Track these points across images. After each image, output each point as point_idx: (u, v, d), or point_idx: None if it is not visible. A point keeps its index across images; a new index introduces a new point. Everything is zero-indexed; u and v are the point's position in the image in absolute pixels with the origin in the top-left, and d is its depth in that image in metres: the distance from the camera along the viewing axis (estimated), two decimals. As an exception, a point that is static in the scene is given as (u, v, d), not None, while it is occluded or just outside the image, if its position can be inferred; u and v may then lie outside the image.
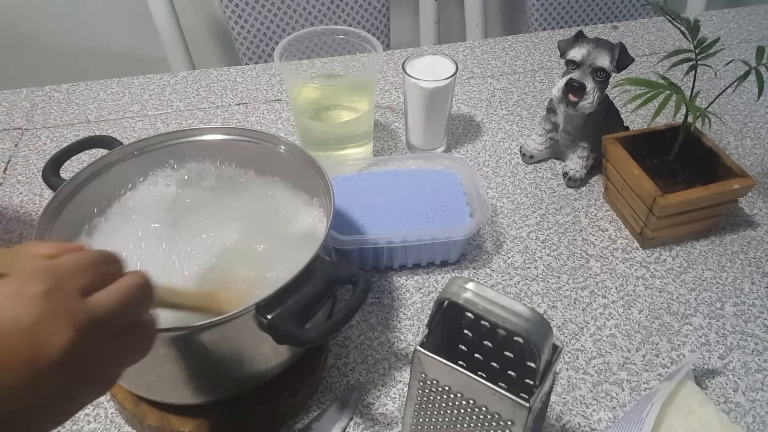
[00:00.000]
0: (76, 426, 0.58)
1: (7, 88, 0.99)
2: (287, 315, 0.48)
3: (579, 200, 0.82)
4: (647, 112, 0.94)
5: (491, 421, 0.45)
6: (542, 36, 1.14)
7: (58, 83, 1.00)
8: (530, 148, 0.86)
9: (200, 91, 0.99)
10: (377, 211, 0.71)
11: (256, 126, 0.93)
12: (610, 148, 0.76)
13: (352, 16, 1.36)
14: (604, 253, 0.75)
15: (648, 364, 0.64)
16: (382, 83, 1.01)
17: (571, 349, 0.65)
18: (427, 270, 0.72)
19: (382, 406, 0.60)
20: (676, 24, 0.70)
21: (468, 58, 1.07)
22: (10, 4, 1.50)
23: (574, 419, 0.59)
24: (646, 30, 1.16)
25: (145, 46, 1.55)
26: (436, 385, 0.46)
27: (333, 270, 0.52)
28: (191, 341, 0.49)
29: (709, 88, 0.99)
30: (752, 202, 0.81)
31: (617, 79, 0.73)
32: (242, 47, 1.35)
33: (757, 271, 0.73)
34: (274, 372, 0.55)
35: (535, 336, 0.41)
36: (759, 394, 0.61)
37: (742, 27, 1.17)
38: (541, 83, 1.02)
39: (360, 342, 0.65)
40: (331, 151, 0.83)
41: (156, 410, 0.56)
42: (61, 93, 0.98)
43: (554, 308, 0.69)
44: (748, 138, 0.92)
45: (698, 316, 0.68)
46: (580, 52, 0.75)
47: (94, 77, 1.03)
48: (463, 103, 0.97)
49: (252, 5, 1.30)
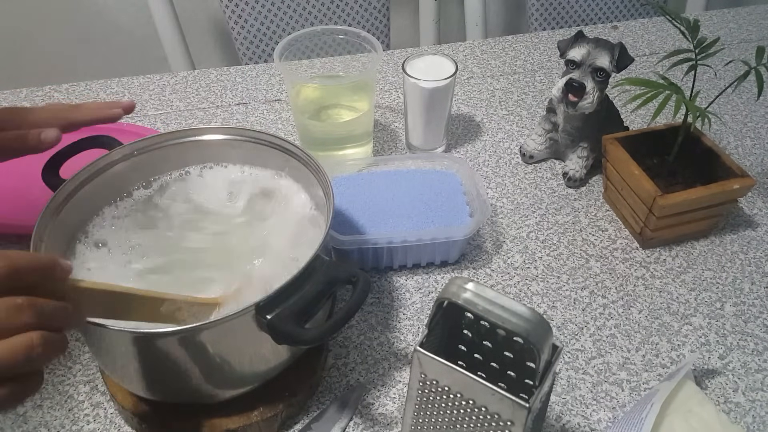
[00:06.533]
0: (76, 426, 0.58)
1: (7, 88, 0.99)
2: (287, 315, 0.48)
3: (579, 200, 0.82)
4: (647, 112, 0.94)
5: (491, 421, 0.45)
6: (542, 36, 1.14)
7: (58, 83, 1.00)
8: (530, 148, 0.86)
9: (200, 91, 0.99)
10: (377, 211, 0.71)
11: (256, 126, 0.93)
12: (610, 148, 0.76)
13: (352, 16, 1.36)
14: (604, 253, 0.75)
15: (648, 364, 0.64)
16: (382, 83, 1.01)
17: (571, 349, 0.65)
18: (427, 270, 0.72)
19: (382, 406, 0.60)
20: (676, 24, 0.70)
21: (468, 58, 1.07)
22: (10, 4, 1.49)
23: (574, 419, 0.59)
24: (646, 30, 1.16)
25: (145, 46, 1.55)
26: (435, 385, 0.46)
27: (333, 270, 0.52)
28: (191, 341, 0.49)
29: (709, 88, 0.99)
30: (752, 202, 0.81)
31: (617, 79, 0.73)
32: (242, 47, 1.35)
33: (757, 271, 0.73)
34: (274, 372, 0.55)
35: (535, 336, 0.41)
36: (759, 394, 0.61)
37: (742, 27, 1.17)
38: (541, 83, 1.02)
39: (360, 342, 0.65)
40: (331, 151, 0.83)
41: (156, 410, 0.56)
42: (61, 93, 0.98)
43: (554, 308, 0.69)
44: (748, 138, 0.92)
45: (698, 316, 0.68)
46: (580, 52, 0.75)
47: (94, 77, 1.03)
48: (463, 103, 0.97)
49: (252, 5, 1.30)
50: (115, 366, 0.54)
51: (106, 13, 1.55)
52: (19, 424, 0.58)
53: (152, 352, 0.50)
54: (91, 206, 0.61)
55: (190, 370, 0.51)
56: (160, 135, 0.64)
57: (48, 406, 0.59)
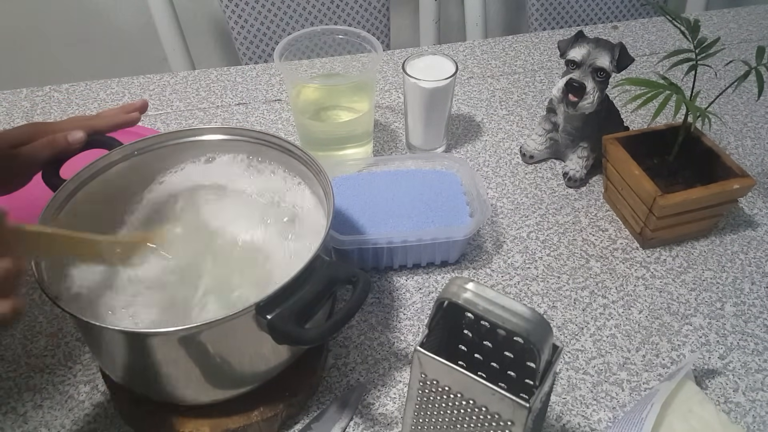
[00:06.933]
0: (76, 426, 0.58)
1: (7, 88, 0.99)
2: (287, 315, 0.48)
3: (579, 200, 0.82)
4: (647, 112, 0.94)
5: (491, 421, 0.45)
6: (542, 36, 1.14)
7: (58, 83, 1.00)
8: (530, 148, 0.86)
9: (200, 91, 0.99)
10: (377, 211, 0.71)
11: (256, 126, 0.93)
12: (610, 148, 0.76)
13: (352, 16, 1.36)
14: (604, 253, 0.75)
15: (648, 364, 0.64)
16: (382, 83, 1.01)
17: (571, 349, 0.65)
18: (427, 270, 0.72)
19: (382, 406, 0.60)
20: (676, 24, 0.70)
21: (468, 58, 1.07)
22: (10, 4, 1.49)
23: (574, 419, 0.59)
24: (646, 30, 1.16)
25: (145, 46, 1.55)
26: (436, 385, 0.46)
27: (333, 270, 0.52)
28: (191, 341, 0.49)
29: (709, 88, 0.99)
30: (752, 202, 0.81)
31: (617, 79, 0.73)
32: (242, 47, 1.35)
33: (757, 271, 0.73)
34: (274, 372, 0.55)
35: (535, 336, 0.41)
36: (759, 394, 0.61)
37: (742, 27, 1.17)
38: (541, 83, 1.02)
39: (360, 342, 0.65)
40: (331, 151, 0.83)
41: (156, 410, 0.56)
42: (61, 93, 0.98)
43: (554, 308, 0.69)
44: (748, 138, 0.92)
45: (698, 316, 0.68)
46: (580, 52, 0.75)
47: (94, 77, 1.03)
48: (463, 103, 0.97)
49: (252, 5, 1.30)
50: (115, 366, 0.54)
51: (106, 13, 1.55)
52: (19, 424, 0.58)
53: (152, 351, 0.50)
54: (91, 206, 0.61)
55: (190, 370, 0.51)
56: (160, 135, 0.64)
57: (48, 406, 0.59)
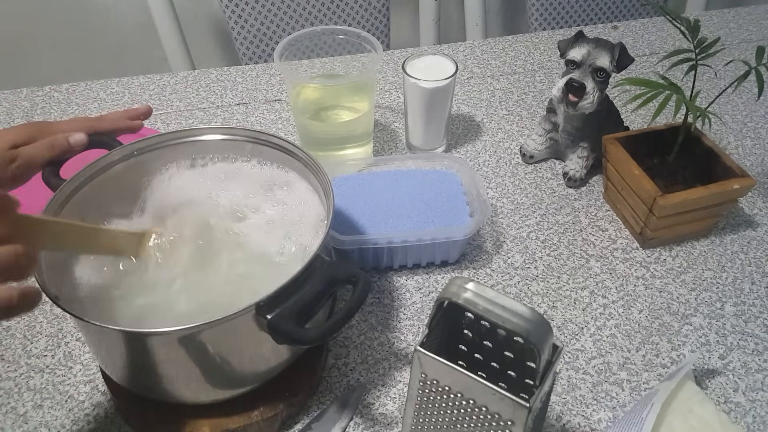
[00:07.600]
0: (76, 426, 0.58)
1: (7, 88, 0.99)
2: (287, 315, 0.48)
3: (579, 200, 0.82)
4: (647, 112, 0.94)
5: (491, 421, 0.45)
6: (542, 36, 1.14)
7: (58, 83, 1.00)
8: (530, 148, 0.86)
9: (200, 91, 0.99)
10: (377, 211, 0.71)
11: (256, 126, 0.93)
12: (610, 148, 0.76)
13: (352, 16, 1.36)
14: (604, 253, 0.75)
15: (648, 364, 0.64)
16: (382, 83, 1.01)
17: (571, 349, 0.65)
18: (427, 270, 0.72)
19: (382, 406, 0.60)
20: (676, 24, 0.70)
21: (468, 58, 1.07)
22: (10, 4, 1.49)
23: (574, 419, 0.59)
24: (646, 30, 1.16)
25: (145, 46, 1.55)
26: (436, 385, 0.46)
27: (333, 270, 0.52)
28: (191, 341, 0.49)
29: (709, 88, 0.99)
30: (752, 202, 0.81)
31: (617, 79, 0.73)
32: (242, 47, 1.35)
33: (757, 271, 0.73)
34: (274, 372, 0.55)
35: (535, 336, 0.41)
36: (759, 394, 0.61)
37: (742, 27, 1.17)
38: (541, 83, 1.02)
39: (360, 342, 0.65)
40: (331, 151, 0.83)
41: (156, 410, 0.56)
42: (61, 93, 0.98)
43: (554, 308, 0.69)
44: (748, 138, 0.92)
45: (698, 316, 0.68)
46: (580, 52, 0.75)
47: (94, 77, 1.03)
48: (463, 103, 0.97)
49: (252, 5, 1.30)
50: (115, 366, 0.54)
51: (106, 13, 1.55)
52: (19, 425, 0.58)
53: (152, 351, 0.50)
54: (91, 206, 0.61)
55: (190, 370, 0.51)
56: (160, 135, 0.64)
57: (48, 406, 0.59)
